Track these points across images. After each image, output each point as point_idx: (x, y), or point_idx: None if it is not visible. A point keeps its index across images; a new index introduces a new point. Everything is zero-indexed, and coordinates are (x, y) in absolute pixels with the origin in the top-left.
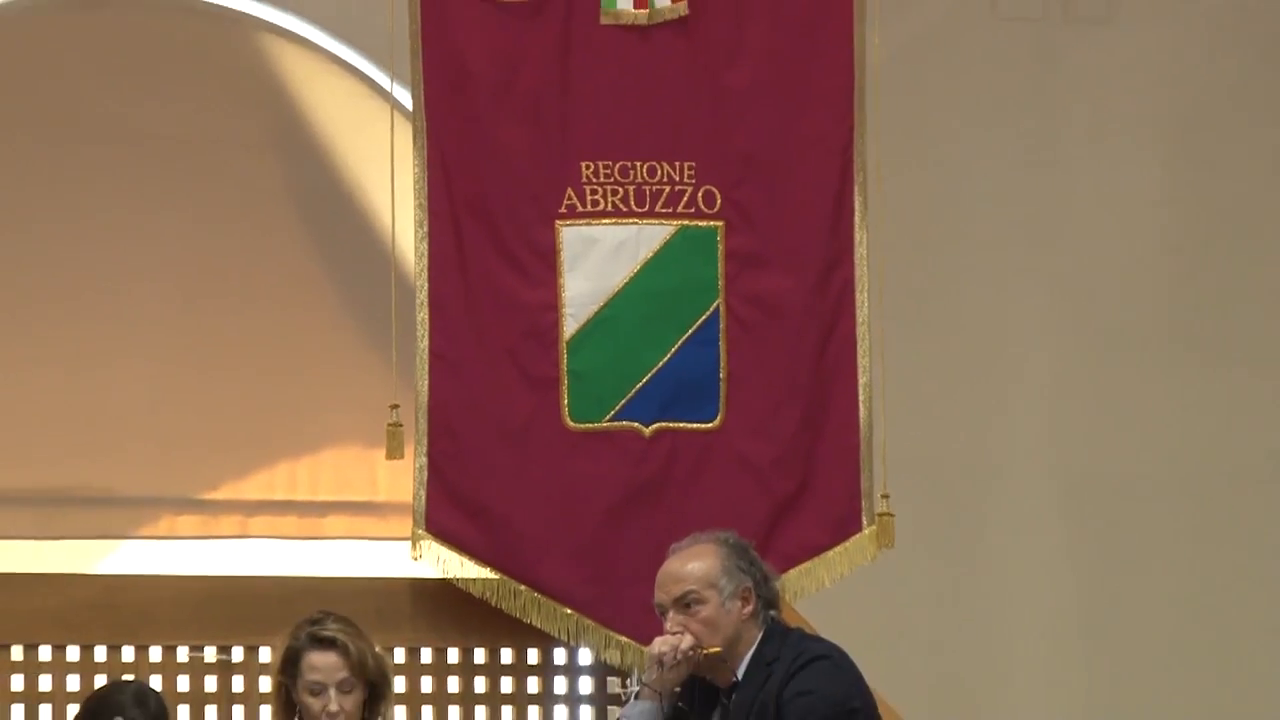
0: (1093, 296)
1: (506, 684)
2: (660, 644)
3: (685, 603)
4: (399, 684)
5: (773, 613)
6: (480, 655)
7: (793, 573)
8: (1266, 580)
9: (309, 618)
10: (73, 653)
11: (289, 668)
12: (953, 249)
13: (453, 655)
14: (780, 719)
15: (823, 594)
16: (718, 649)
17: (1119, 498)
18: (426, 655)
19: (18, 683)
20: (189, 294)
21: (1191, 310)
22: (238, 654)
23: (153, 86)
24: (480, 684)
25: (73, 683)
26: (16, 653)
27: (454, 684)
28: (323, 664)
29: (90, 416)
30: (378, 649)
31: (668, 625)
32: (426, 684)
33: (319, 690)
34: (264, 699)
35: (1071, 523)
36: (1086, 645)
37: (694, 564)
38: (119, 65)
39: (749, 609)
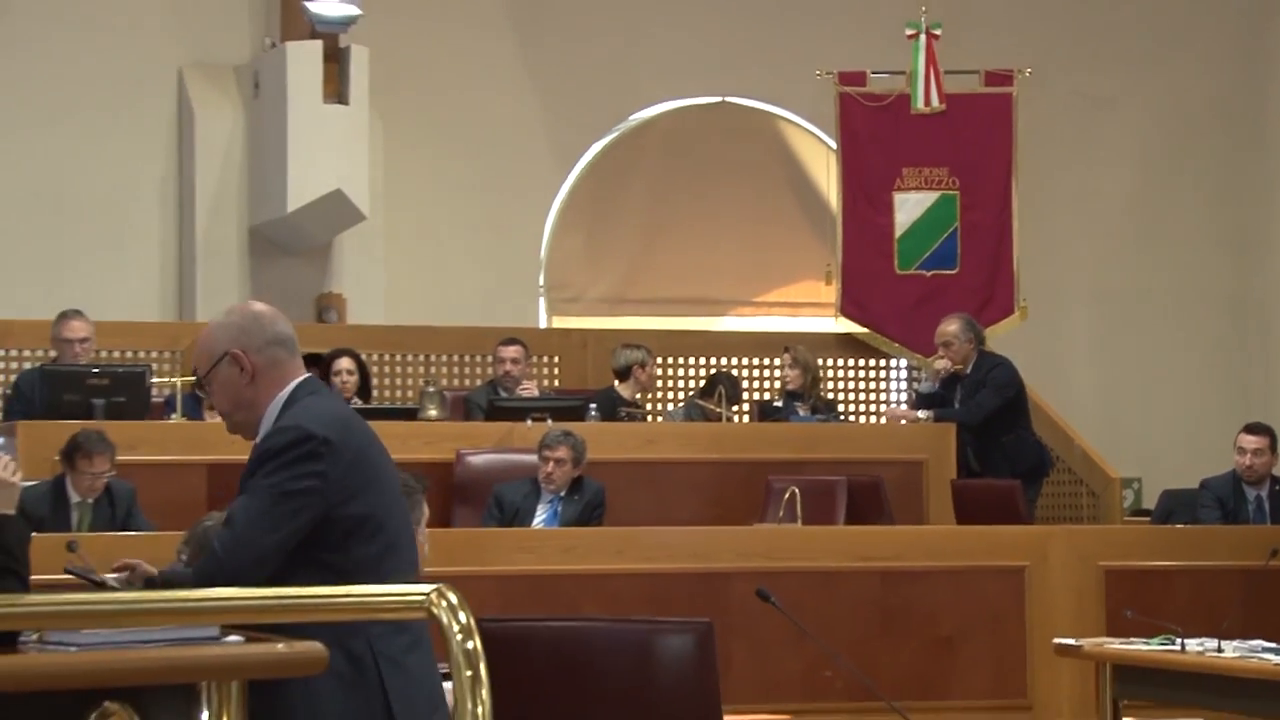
0: (1110, 226)
1: (870, 374)
2: (935, 361)
3: (946, 343)
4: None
5: (982, 346)
6: (859, 362)
7: (986, 330)
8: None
9: (788, 344)
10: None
11: (782, 358)
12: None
13: (851, 361)
14: (985, 386)
15: (999, 337)
16: (960, 365)
17: (1120, 305)
18: (839, 361)
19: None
20: (743, 243)
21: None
22: (756, 361)
23: (726, 138)
24: (854, 374)
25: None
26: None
27: (846, 373)
28: (790, 359)
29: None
30: (815, 358)
31: (939, 352)
32: (839, 374)
33: (790, 366)
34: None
35: (1098, 311)
36: (1099, 357)
37: (951, 326)
38: (709, 134)
39: (972, 345)
